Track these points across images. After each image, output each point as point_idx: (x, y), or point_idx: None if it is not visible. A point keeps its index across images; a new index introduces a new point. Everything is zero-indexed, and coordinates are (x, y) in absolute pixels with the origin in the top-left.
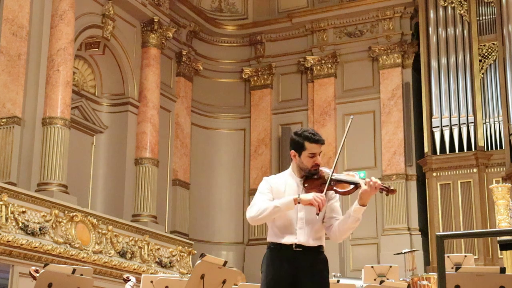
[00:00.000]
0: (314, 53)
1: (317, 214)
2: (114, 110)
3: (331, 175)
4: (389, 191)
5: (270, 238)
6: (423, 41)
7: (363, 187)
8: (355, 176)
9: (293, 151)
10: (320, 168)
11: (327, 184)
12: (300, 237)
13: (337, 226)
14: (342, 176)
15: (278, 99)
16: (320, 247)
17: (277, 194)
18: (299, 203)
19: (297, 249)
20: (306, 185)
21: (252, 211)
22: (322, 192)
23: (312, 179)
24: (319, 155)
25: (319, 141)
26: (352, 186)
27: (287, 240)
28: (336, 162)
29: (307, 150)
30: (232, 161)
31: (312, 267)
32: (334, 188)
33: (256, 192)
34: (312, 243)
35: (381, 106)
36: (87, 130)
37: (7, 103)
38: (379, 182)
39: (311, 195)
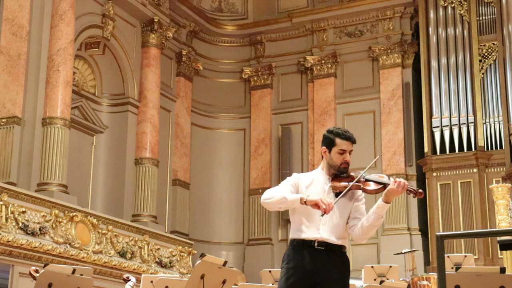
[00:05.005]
0: (314, 53)
1: (322, 215)
2: (114, 110)
3: (361, 174)
4: (416, 193)
5: (292, 235)
6: (423, 41)
7: (391, 185)
8: (384, 177)
9: (323, 147)
10: (351, 171)
11: (353, 182)
12: (323, 233)
13: (360, 224)
14: (372, 176)
15: (278, 99)
16: (343, 247)
17: (302, 188)
18: (305, 203)
19: (319, 247)
20: (333, 181)
21: (265, 194)
22: (346, 187)
23: (340, 177)
24: (349, 154)
25: (350, 138)
26: (380, 186)
27: (310, 235)
28: (369, 167)
29: (337, 146)
30: (232, 161)
31: (333, 266)
32: (362, 186)
33: (256, 192)
34: (334, 241)
35: (381, 106)
36: (87, 130)
37: (7, 103)
38: (407, 183)
39: (318, 197)
